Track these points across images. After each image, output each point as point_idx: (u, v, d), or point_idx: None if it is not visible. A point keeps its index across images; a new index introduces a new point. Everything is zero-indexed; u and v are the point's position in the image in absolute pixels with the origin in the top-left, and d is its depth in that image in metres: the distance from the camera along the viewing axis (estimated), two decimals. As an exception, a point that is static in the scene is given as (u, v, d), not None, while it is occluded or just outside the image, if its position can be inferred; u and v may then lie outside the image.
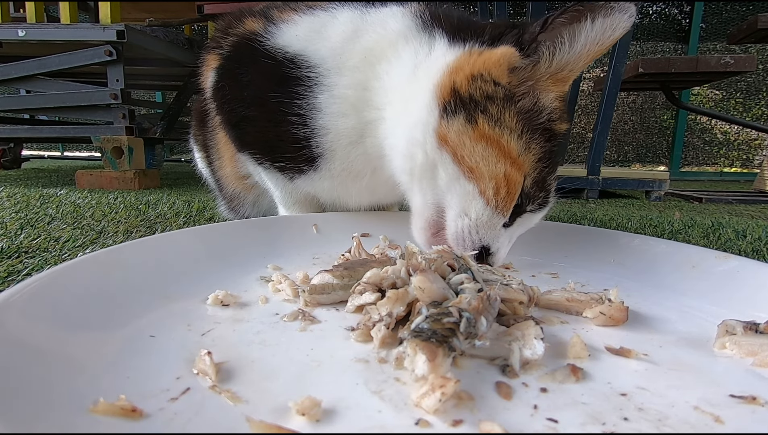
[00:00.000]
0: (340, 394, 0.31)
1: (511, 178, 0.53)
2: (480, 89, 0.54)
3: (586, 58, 0.54)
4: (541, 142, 0.54)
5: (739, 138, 4.92)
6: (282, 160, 0.72)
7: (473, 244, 0.55)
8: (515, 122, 0.53)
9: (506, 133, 0.53)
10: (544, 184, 0.56)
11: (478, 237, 0.55)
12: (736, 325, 0.41)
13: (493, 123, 0.53)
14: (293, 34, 0.67)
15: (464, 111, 0.54)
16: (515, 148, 0.53)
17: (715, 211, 1.79)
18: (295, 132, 0.67)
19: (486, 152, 0.53)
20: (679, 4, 4.76)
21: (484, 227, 0.55)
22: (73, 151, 5.98)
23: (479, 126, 0.53)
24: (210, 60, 0.77)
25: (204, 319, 0.43)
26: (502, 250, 0.57)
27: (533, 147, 0.54)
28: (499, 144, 0.53)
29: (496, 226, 0.55)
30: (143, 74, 2.69)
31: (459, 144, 0.54)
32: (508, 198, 0.54)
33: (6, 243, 0.80)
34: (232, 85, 0.72)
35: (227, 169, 0.89)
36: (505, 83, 0.54)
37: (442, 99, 0.55)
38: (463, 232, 0.55)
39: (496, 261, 0.56)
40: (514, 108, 0.53)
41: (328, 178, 0.71)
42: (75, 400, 0.28)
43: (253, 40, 0.68)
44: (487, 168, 0.53)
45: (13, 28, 1.90)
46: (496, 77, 0.54)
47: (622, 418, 0.30)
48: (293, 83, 0.66)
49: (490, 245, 0.55)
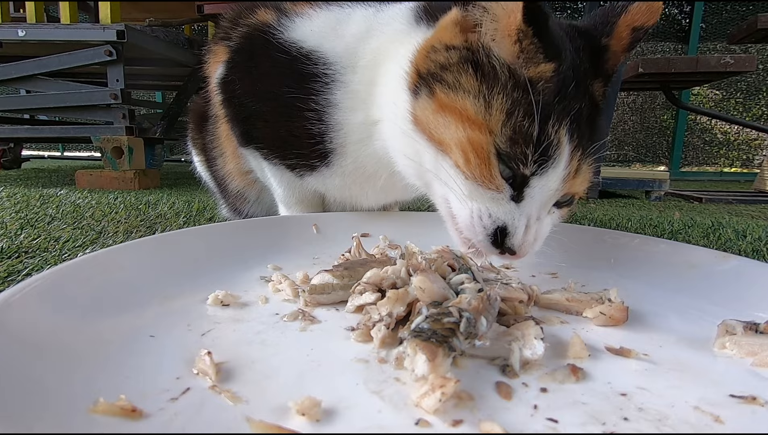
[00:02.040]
0: (340, 394, 0.31)
1: (475, 141, 0.48)
2: (434, 61, 0.53)
3: None
4: (506, 92, 0.48)
5: (739, 138, 4.92)
6: (293, 156, 0.72)
7: (484, 227, 0.50)
8: (472, 81, 0.50)
9: (461, 95, 0.50)
10: (529, 138, 0.47)
11: (489, 217, 0.49)
12: (736, 325, 0.41)
13: (448, 89, 0.51)
14: (308, 29, 0.67)
15: (425, 86, 0.53)
16: (471, 108, 0.49)
17: (715, 211, 1.79)
18: (310, 127, 0.67)
19: (446, 121, 0.50)
20: (679, 4, 4.76)
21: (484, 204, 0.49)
22: (73, 151, 5.98)
23: (437, 96, 0.52)
24: (218, 51, 0.76)
25: (204, 319, 0.43)
26: (520, 230, 0.49)
27: (496, 102, 0.48)
28: (454, 109, 0.50)
29: (499, 201, 0.49)
30: (143, 74, 2.69)
31: (425, 120, 0.53)
32: (482, 163, 0.48)
33: (6, 243, 0.80)
34: (243, 78, 0.72)
35: (230, 165, 0.88)
36: (459, 44, 0.52)
37: (411, 82, 0.55)
38: (469, 217, 0.51)
39: (517, 244, 0.49)
40: (471, 67, 0.50)
41: (340, 175, 0.71)
42: (75, 400, 0.28)
43: (266, 32, 0.68)
44: (450, 136, 0.50)
45: (13, 28, 1.90)
46: (448, 42, 0.52)
47: (622, 418, 0.30)
48: (310, 79, 0.66)
49: (505, 223, 0.49)
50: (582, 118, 0.51)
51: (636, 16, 0.54)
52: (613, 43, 0.55)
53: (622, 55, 0.55)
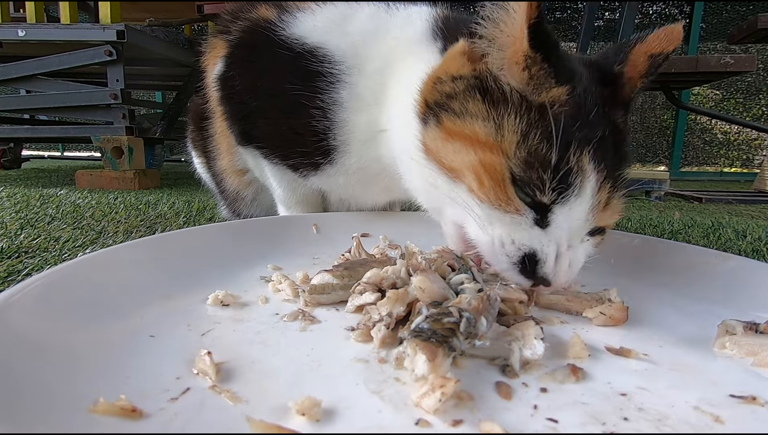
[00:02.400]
0: (340, 394, 0.31)
1: (487, 163, 0.47)
2: (440, 92, 0.53)
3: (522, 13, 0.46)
4: (518, 115, 0.47)
5: (739, 138, 4.92)
6: (296, 155, 0.71)
7: (508, 255, 0.47)
8: (479, 107, 0.49)
9: (469, 120, 0.49)
10: (546, 163, 0.44)
11: (515, 246, 0.46)
12: (736, 325, 0.41)
13: (455, 116, 0.51)
14: (311, 25, 0.66)
15: (433, 115, 0.53)
16: (481, 130, 0.48)
17: (715, 211, 1.79)
18: (315, 124, 0.66)
19: (456, 147, 0.50)
20: (679, 4, 4.76)
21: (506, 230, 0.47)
22: (73, 151, 5.98)
23: (444, 125, 0.52)
24: (216, 45, 0.75)
25: (204, 319, 0.43)
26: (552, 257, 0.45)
27: (507, 123, 0.47)
28: (463, 134, 0.49)
29: (521, 225, 0.46)
30: (143, 74, 2.70)
31: (436, 148, 0.53)
32: (497, 185, 0.47)
33: (6, 243, 0.80)
34: (243, 75, 0.71)
35: (224, 162, 0.87)
36: (467, 73, 0.51)
37: (420, 111, 0.55)
38: (491, 243, 0.48)
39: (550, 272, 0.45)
40: (478, 94, 0.50)
41: (344, 173, 0.71)
42: (75, 400, 0.28)
43: (267, 28, 0.67)
44: (461, 161, 0.49)
45: (13, 28, 1.90)
46: (455, 72, 0.52)
47: (622, 418, 0.30)
48: (315, 77, 0.65)
49: (533, 250, 0.46)
50: (608, 147, 0.47)
51: (654, 44, 0.53)
52: (627, 70, 0.53)
53: (639, 81, 0.54)
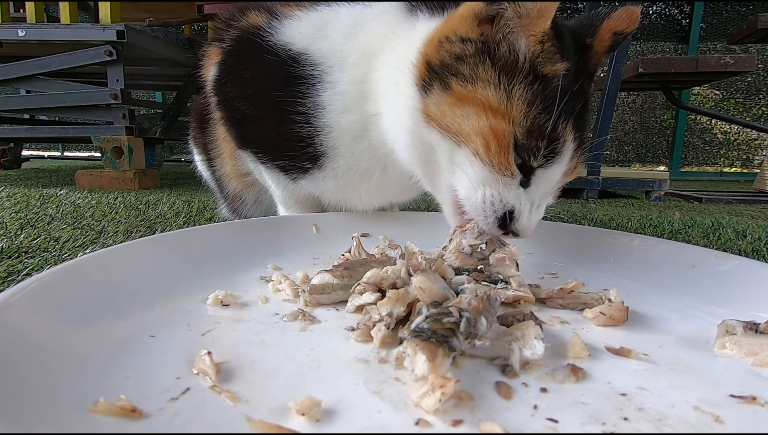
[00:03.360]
0: (340, 394, 0.31)
1: (497, 129, 0.50)
2: (448, 52, 0.52)
3: None
4: (526, 86, 0.50)
5: (739, 138, 4.92)
6: (285, 159, 0.72)
7: (494, 211, 0.52)
8: (491, 73, 0.51)
9: (481, 86, 0.51)
10: (543, 132, 0.50)
11: (500, 202, 0.52)
12: (736, 325, 0.41)
13: (465, 81, 0.51)
14: (296, 31, 0.66)
15: (438, 80, 0.53)
16: (493, 98, 0.50)
17: (715, 211, 1.79)
18: (299, 130, 0.66)
19: (465, 111, 0.51)
20: (679, 4, 4.76)
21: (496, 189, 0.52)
22: (73, 151, 5.98)
23: (453, 89, 0.52)
24: (212, 53, 0.76)
25: (204, 319, 0.43)
26: (525, 214, 0.52)
27: (516, 93, 0.50)
28: (475, 99, 0.51)
29: (510, 187, 0.52)
30: (143, 74, 2.69)
31: (440, 114, 0.53)
32: (502, 151, 0.50)
33: (6, 243, 0.80)
34: (235, 81, 0.72)
35: (227, 166, 0.88)
36: (475, 36, 0.52)
37: (419, 77, 0.55)
38: (481, 202, 0.52)
39: (522, 227, 0.52)
40: (489, 59, 0.51)
41: (333, 177, 0.71)
42: (75, 400, 0.28)
43: (256, 35, 0.67)
44: (470, 126, 0.51)
45: (13, 28, 1.90)
46: (463, 34, 0.52)
47: (622, 418, 0.30)
48: (297, 82, 0.65)
49: (513, 207, 0.52)
50: (582, 116, 0.54)
51: (618, 22, 0.57)
52: (596, 44, 0.57)
53: (603, 55, 0.58)
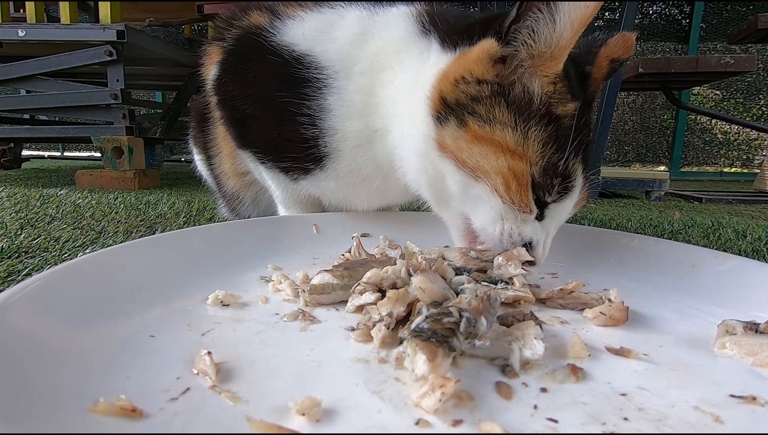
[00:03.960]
0: (340, 394, 0.31)
1: (516, 170, 0.52)
2: (464, 93, 0.53)
3: (571, 31, 0.50)
4: (541, 127, 0.52)
5: (739, 138, 4.91)
6: (287, 160, 0.72)
7: (513, 243, 0.54)
8: (507, 115, 0.52)
9: (498, 128, 0.52)
10: (556, 171, 0.52)
11: (519, 235, 0.54)
12: (736, 325, 0.41)
13: (483, 122, 0.52)
14: (300, 32, 0.66)
15: (454, 116, 0.53)
16: (511, 140, 0.51)
17: (715, 211, 1.79)
18: (303, 132, 0.66)
19: (483, 150, 0.52)
20: (679, 4, 4.75)
21: (515, 223, 0.54)
22: (73, 151, 5.98)
23: (470, 128, 0.52)
24: (212, 52, 0.76)
25: (204, 319, 0.43)
26: (542, 245, 0.55)
27: (532, 134, 0.52)
28: (493, 141, 0.52)
29: (527, 221, 0.54)
30: (143, 74, 2.69)
31: (456, 148, 0.53)
32: (521, 190, 0.52)
33: (6, 243, 0.80)
34: (236, 81, 0.71)
35: (226, 165, 0.88)
36: (491, 78, 0.53)
37: (434, 109, 0.55)
38: (499, 234, 0.54)
39: (539, 256, 0.55)
40: (504, 101, 0.52)
41: (334, 178, 0.70)
42: (75, 400, 0.28)
43: (258, 35, 0.67)
44: (489, 164, 0.52)
45: (13, 28, 1.90)
46: (479, 75, 0.53)
47: (622, 418, 0.30)
48: (302, 84, 0.65)
49: (531, 239, 0.54)
50: (587, 150, 0.57)
51: (614, 49, 0.58)
52: (594, 71, 0.58)
53: (601, 82, 0.60)
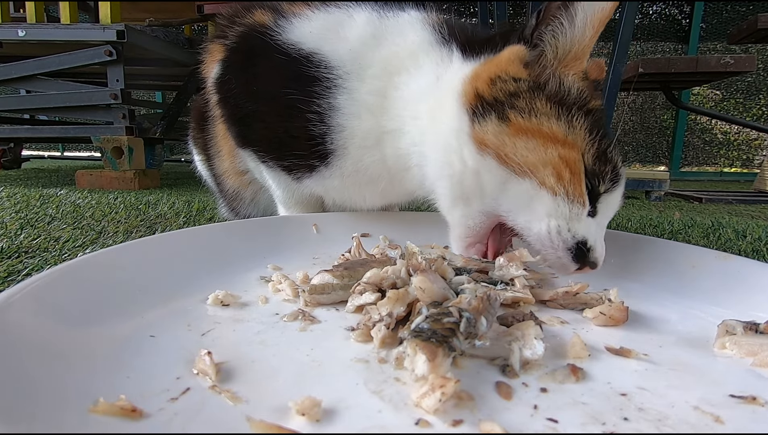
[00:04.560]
0: (340, 394, 0.31)
1: (568, 159, 0.50)
2: (502, 90, 0.54)
3: (591, 31, 0.53)
4: (583, 116, 0.52)
5: (739, 138, 4.91)
6: (290, 157, 0.71)
7: (564, 242, 0.51)
8: (548, 107, 0.52)
9: (543, 118, 0.52)
10: (606, 157, 0.52)
11: (568, 232, 0.51)
12: (736, 325, 0.41)
13: (526, 114, 0.52)
14: (307, 30, 0.66)
15: (494, 111, 0.53)
16: (559, 129, 0.51)
17: (715, 211, 1.78)
18: (311, 129, 0.66)
19: (530, 144, 0.51)
20: (679, 4, 4.75)
21: (565, 220, 0.51)
22: (73, 151, 5.98)
23: (513, 121, 0.52)
24: (214, 50, 0.75)
25: (204, 319, 0.43)
26: (599, 244, 0.52)
27: (576, 123, 0.52)
28: (540, 131, 0.51)
29: (580, 217, 0.51)
30: (143, 74, 2.69)
31: (499, 144, 0.52)
32: (575, 179, 0.51)
33: (6, 243, 0.80)
34: (239, 78, 0.71)
35: (226, 163, 0.88)
36: (525, 77, 0.54)
37: (469, 104, 0.55)
38: (546, 232, 0.51)
39: (598, 255, 0.52)
40: (543, 94, 0.53)
41: (339, 176, 0.70)
42: (75, 400, 0.28)
43: (263, 33, 0.67)
44: (538, 157, 0.51)
45: (13, 28, 1.90)
46: (514, 74, 0.54)
47: (622, 418, 0.30)
48: (310, 82, 0.65)
49: (586, 238, 0.51)
50: None
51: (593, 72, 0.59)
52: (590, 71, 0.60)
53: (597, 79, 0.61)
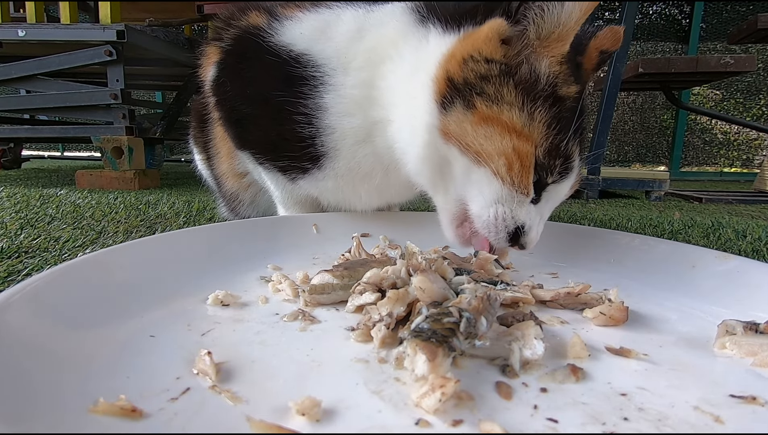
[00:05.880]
0: (340, 394, 0.31)
1: (521, 151, 0.51)
2: (473, 71, 0.53)
3: (579, 13, 0.52)
4: (546, 108, 0.52)
5: (739, 138, 4.92)
6: (284, 159, 0.71)
7: (506, 227, 0.54)
8: (514, 95, 0.52)
9: (506, 108, 0.52)
10: (558, 151, 0.53)
11: (512, 219, 0.54)
12: (736, 325, 0.41)
13: (491, 102, 0.52)
14: (297, 32, 0.66)
15: (461, 98, 0.53)
16: (518, 120, 0.51)
17: (715, 211, 1.79)
18: (300, 131, 0.66)
19: (489, 132, 0.52)
20: (679, 4, 4.76)
21: (510, 207, 0.53)
22: (73, 151, 5.98)
23: (478, 109, 0.52)
24: (210, 52, 0.76)
25: (204, 319, 0.43)
26: (535, 228, 0.55)
27: (538, 115, 0.52)
28: (500, 120, 0.52)
29: (523, 204, 0.54)
30: (143, 74, 2.69)
31: (461, 133, 0.53)
32: (523, 171, 0.52)
33: (6, 243, 0.80)
34: (234, 81, 0.71)
35: (224, 165, 0.88)
36: (499, 58, 0.53)
37: (439, 94, 0.55)
38: (493, 219, 0.54)
39: (530, 240, 0.55)
40: (512, 81, 0.52)
41: (333, 177, 0.70)
42: (75, 400, 0.28)
43: (256, 35, 0.67)
44: (494, 146, 0.52)
45: (13, 28, 1.89)
46: (488, 54, 0.53)
47: (622, 418, 0.30)
48: (299, 82, 0.65)
49: (524, 223, 0.54)
50: (583, 133, 0.58)
51: (603, 41, 0.59)
52: (585, 62, 0.58)
53: (591, 73, 0.60)
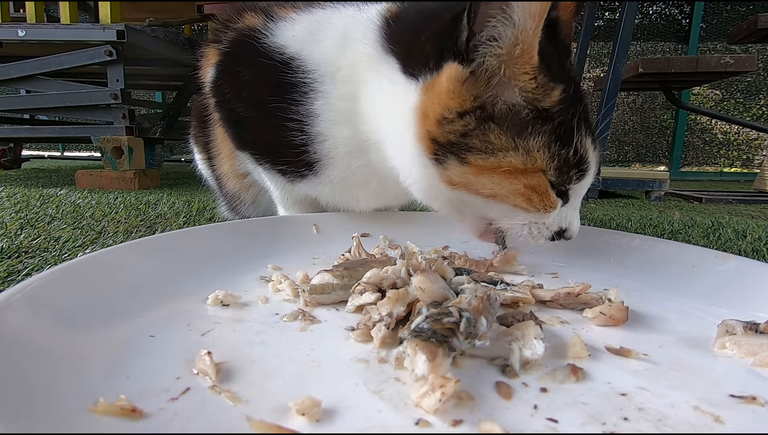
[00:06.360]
0: (340, 394, 0.31)
1: (533, 184, 0.52)
2: (453, 132, 0.51)
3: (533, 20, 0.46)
4: (538, 132, 0.50)
5: (739, 138, 4.92)
6: (283, 163, 0.71)
7: (543, 235, 0.56)
8: (503, 139, 0.50)
9: (501, 155, 0.50)
10: (569, 163, 0.51)
11: (547, 229, 0.56)
12: (736, 325, 0.41)
13: (484, 154, 0.51)
14: (290, 34, 0.65)
15: (453, 155, 0.52)
16: (518, 161, 0.50)
17: (715, 211, 1.79)
18: (293, 138, 0.66)
19: (494, 180, 0.52)
20: (679, 4, 4.76)
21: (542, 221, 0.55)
22: (73, 151, 5.98)
23: (473, 163, 0.51)
24: (209, 54, 0.76)
25: (204, 319, 0.43)
26: (574, 223, 0.57)
27: (534, 144, 0.50)
28: (500, 169, 0.51)
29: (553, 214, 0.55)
30: (143, 74, 2.69)
31: (467, 183, 0.53)
32: (544, 197, 0.53)
33: (6, 243, 0.80)
34: (232, 83, 0.71)
35: (225, 166, 0.88)
36: (470, 104, 0.50)
37: (430, 152, 0.53)
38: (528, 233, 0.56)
39: (572, 233, 0.57)
40: (493, 124, 0.50)
41: (328, 184, 0.70)
42: (75, 400, 0.28)
43: (252, 37, 0.67)
44: (505, 190, 0.52)
45: (13, 28, 1.90)
46: (458, 108, 0.50)
47: (622, 418, 0.30)
48: (290, 88, 0.64)
49: (562, 226, 0.56)
50: (588, 116, 0.54)
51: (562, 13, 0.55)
52: (561, 14, 0.55)
53: (571, 22, 0.57)
